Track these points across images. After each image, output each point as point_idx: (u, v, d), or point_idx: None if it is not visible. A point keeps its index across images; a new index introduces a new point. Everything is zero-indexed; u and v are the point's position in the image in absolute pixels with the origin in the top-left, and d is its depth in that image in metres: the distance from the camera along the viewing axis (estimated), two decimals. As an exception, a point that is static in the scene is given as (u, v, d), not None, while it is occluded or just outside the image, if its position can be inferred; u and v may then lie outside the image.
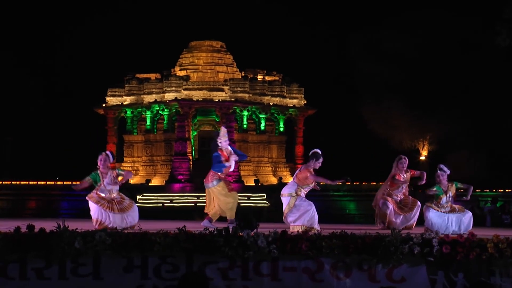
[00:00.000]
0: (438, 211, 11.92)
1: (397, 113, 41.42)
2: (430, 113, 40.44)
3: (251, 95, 44.12)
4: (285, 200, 11.86)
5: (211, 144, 12.37)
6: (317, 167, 11.94)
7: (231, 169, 12.27)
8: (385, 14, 43.78)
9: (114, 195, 11.29)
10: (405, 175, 12.74)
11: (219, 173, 12.03)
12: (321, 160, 11.93)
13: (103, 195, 11.22)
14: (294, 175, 12.04)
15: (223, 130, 12.36)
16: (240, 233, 8.47)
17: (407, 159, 12.84)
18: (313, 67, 50.53)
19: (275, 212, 31.76)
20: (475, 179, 36.49)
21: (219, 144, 12.12)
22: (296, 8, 55.29)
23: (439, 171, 12.05)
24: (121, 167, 41.75)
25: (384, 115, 41.94)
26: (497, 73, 39.02)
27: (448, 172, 12.08)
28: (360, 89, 43.39)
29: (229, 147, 12.28)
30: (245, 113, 43.93)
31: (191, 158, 41.90)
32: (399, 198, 12.75)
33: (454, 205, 12.09)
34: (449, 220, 11.85)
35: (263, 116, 44.56)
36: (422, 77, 40.57)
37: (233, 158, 12.09)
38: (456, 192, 12.16)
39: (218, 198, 11.96)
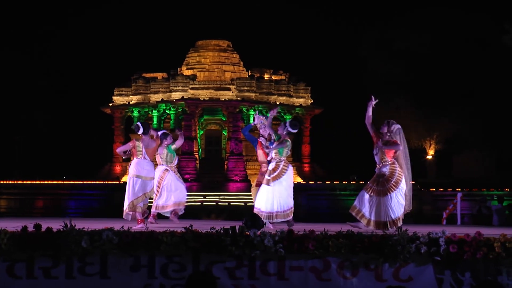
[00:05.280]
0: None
1: (405, 112, 41.31)
2: (438, 112, 40.34)
3: (257, 94, 44.10)
4: None
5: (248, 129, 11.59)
6: None
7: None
8: (395, 13, 43.74)
9: None
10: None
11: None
12: None
13: None
14: None
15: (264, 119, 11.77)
16: (246, 232, 8.46)
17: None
18: (320, 66, 50.50)
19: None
20: (483, 179, 36.48)
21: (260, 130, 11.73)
22: (303, 7, 55.26)
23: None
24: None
25: (391, 114, 41.80)
26: (505, 72, 38.90)
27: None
28: (367, 87, 43.30)
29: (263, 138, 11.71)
30: (252, 112, 43.89)
31: (197, 157, 41.92)
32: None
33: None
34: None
35: (270, 115, 44.55)
36: (430, 76, 40.46)
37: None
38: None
39: None
